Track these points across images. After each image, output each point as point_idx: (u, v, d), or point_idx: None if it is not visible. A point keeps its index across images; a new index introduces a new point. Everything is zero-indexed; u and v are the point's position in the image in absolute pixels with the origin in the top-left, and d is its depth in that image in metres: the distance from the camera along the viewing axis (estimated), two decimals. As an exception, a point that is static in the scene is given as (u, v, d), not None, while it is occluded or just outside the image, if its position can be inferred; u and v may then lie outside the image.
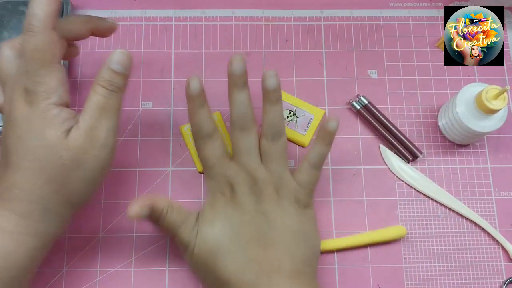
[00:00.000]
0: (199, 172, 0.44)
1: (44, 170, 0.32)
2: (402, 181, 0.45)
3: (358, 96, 0.46)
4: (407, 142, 0.45)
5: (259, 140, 0.39)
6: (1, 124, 0.44)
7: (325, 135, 0.38)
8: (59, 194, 0.33)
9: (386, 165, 0.45)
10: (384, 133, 0.45)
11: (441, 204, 0.44)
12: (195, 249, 0.36)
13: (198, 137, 0.38)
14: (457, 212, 0.44)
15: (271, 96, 0.38)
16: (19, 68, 0.33)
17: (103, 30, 0.39)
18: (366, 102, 0.46)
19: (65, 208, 0.34)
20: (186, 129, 0.45)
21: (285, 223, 0.37)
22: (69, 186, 0.33)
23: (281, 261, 0.35)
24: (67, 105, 0.34)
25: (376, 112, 0.46)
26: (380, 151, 0.45)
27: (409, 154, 0.45)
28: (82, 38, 0.38)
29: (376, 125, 0.46)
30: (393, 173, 0.45)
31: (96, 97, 0.34)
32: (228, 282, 0.35)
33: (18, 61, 0.34)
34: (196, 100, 0.38)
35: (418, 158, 0.45)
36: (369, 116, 0.46)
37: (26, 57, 0.32)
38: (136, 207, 0.34)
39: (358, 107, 0.46)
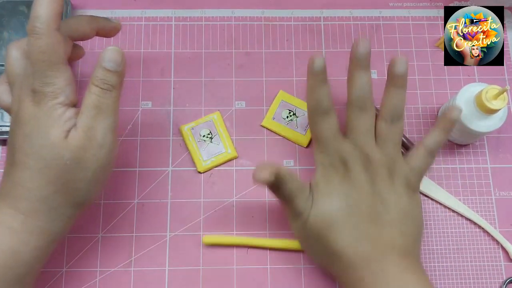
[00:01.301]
0: (199, 172, 0.44)
1: (47, 169, 0.32)
2: None
3: None
4: (407, 142, 0.45)
5: (376, 122, 0.39)
6: (8, 124, 0.44)
7: (446, 123, 0.38)
8: (62, 194, 0.33)
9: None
10: None
11: (441, 204, 0.44)
12: (310, 218, 0.37)
13: (316, 112, 0.38)
14: (457, 212, 0.44)
15: (398, 80, 0.38)
16: (26, 69, 0.33)
17: (108, 30, 0.39)
18: None
19: (69, 208, 0.34)
20: (186, 129, 0.45)
21: (398, 204, 0.37)
22: (71, 186, 0.33)
23: (394, 240, 0.36)
24: (74, 105, 0.34)
25: (376, 112, 0.46)
26: None
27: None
28: (87, 38, 0.38)
29: None
30: None
31: (91, 97, 0.33)
32: (339, 254, 0.36)
33: (25, 62, 0.34)
34: (318, 76, 0.38)
35: None
36: None
37: (32, 59, 0.32)
38: (265, 173, 0.34)
39: None
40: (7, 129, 0.43)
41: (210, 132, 0.45)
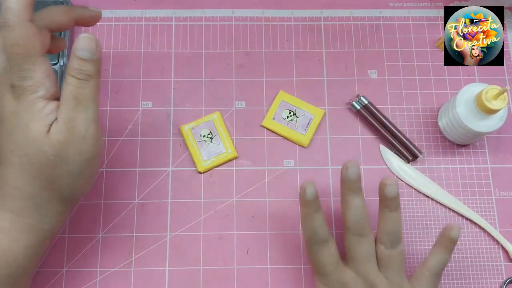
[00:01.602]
0: (199, 172, 0.44)
1: (31, 165, 0.32)
2: (402, 181, 0.45)
3: (358, 96, 0.46)
4: (407, 142, 0.45)
5: (376, 245, 0.38)
6: None
7: (447, 243, 0.37)
8: (48, 190, 0.33)
9: (386, 165, 0.45)
10: (384, 133, 0.45)
11: (441, 204, 0.44)
12: None
13: (314, 242, 0.37)
14: (457, 212, 0.44)
15: (391, 203, 0.37)
16: (5, 64, 0.32)
17: (87, 18, 0.37)
18: (366, 102, 0.46)
19: (58, 204, 0.34)
20: (186, 129, 0.45)
21: None
22: (58, 182, 0.33)
23: None
24: (55, 98, 0.33)
25: (376, 112, 0.46)
26: (380, 151, 0.45)
27: (409, 154, 0.45)
28: (65, 29, 0.36)
29: (376, 125, 0.46)
30: (393, 173, 0.45)
31: (68, 88, 0.32)
32: None
33: (2, 57, 0.33)
34: (311, 205, 0.37)
35: (418, 158, 0.45)
36: (369, 116, 0.46)
37: (7, 52, 0.31)
38: None
39: (358, 107, 0.46)
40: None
41: (210, 132, 0.45)
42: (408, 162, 0.45)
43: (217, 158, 0.44)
